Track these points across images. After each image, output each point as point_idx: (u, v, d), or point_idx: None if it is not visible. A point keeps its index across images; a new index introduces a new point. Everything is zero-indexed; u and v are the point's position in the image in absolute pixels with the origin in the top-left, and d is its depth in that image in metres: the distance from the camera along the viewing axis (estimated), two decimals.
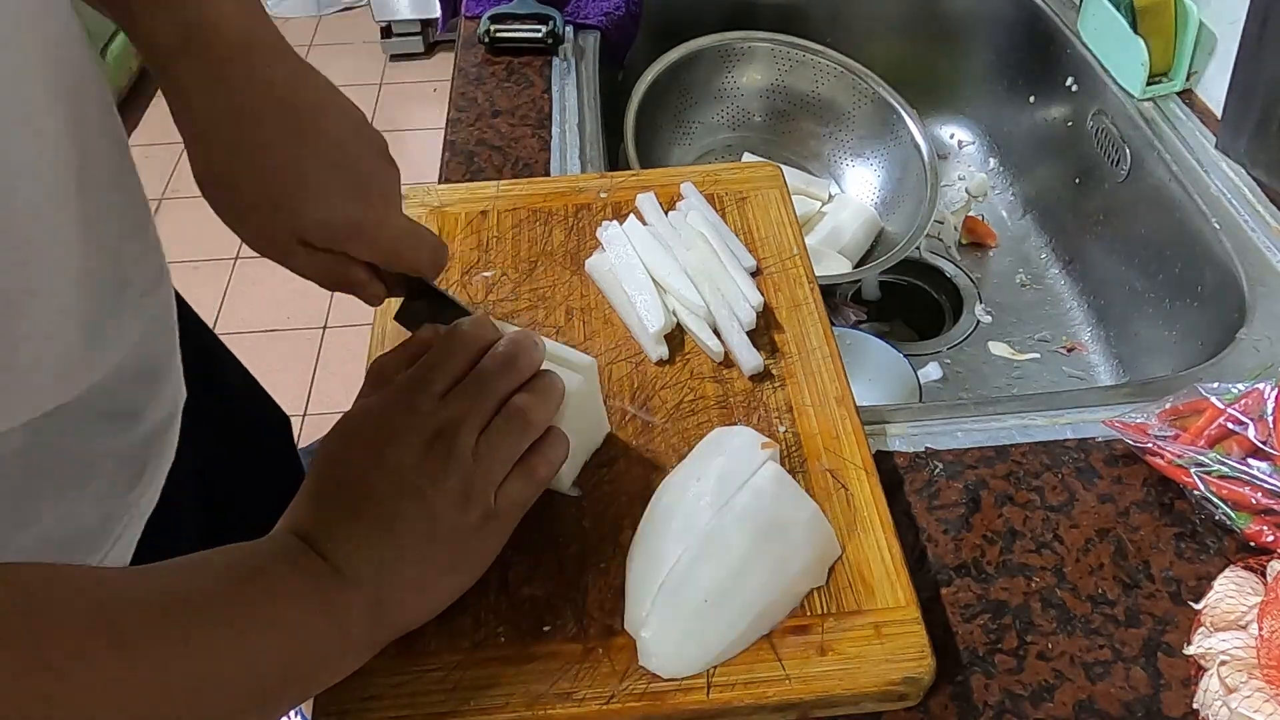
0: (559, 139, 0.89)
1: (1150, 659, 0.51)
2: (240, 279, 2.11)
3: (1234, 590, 0.51)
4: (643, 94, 1.02)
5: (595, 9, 1.05)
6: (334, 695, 0.46)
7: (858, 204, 1.10)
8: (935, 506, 0.59)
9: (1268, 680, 0.47)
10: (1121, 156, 0.96)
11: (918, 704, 0.49)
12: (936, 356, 1.00)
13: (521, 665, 0.47)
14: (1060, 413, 0.65)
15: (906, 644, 0.47)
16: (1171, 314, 0.88)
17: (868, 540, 0.52)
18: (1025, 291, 1.07)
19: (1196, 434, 0.58)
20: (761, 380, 0.60)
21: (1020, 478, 0.60)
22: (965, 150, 1.23)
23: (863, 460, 0.55)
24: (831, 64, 1.13)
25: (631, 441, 0.57)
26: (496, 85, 0.96)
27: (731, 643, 0.47)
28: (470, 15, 1.05)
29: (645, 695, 0.46)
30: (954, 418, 0.65)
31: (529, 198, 0.73)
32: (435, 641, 0.48)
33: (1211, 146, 0.88)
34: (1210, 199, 0.84)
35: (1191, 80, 0.95)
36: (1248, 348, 0.71)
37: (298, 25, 2.91)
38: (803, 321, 0.63)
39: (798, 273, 0.66)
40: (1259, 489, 0.55)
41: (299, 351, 1.96)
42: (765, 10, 1.19)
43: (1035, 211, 1.13)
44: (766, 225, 0.70)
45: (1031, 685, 0.50)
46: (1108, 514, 0.58)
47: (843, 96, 1.14)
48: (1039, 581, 0.55)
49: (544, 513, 0.53)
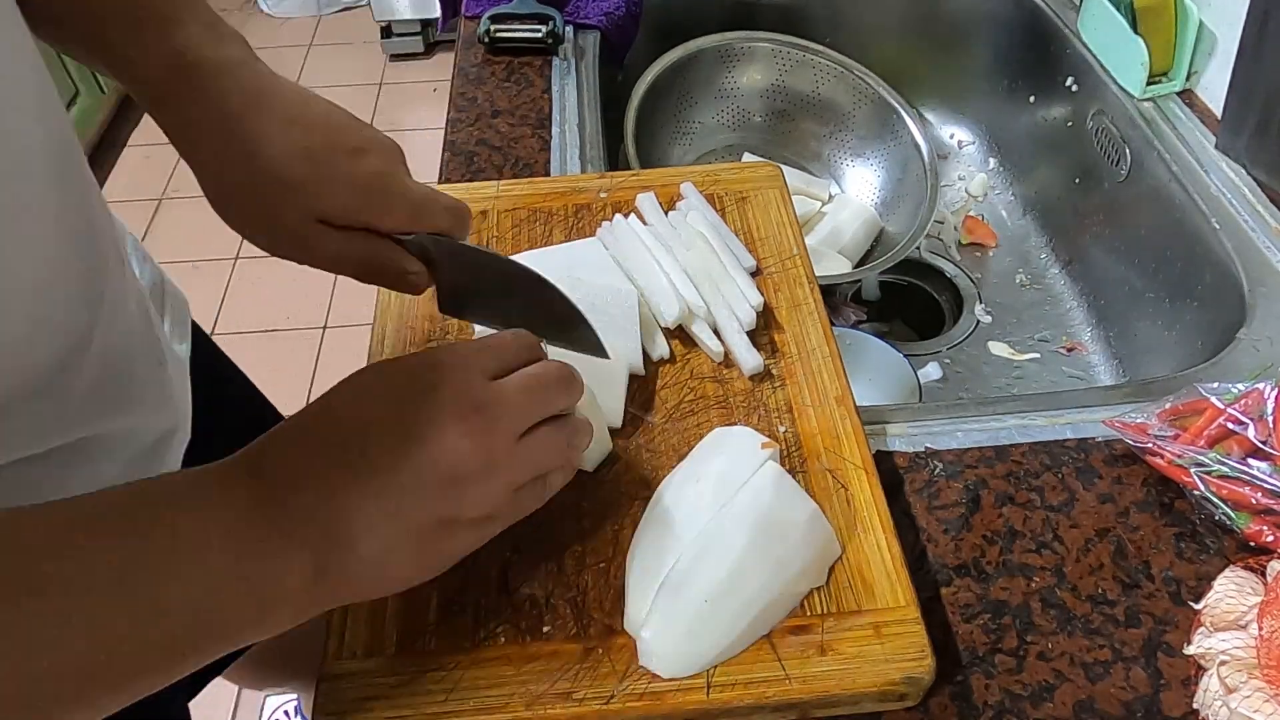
0: (559, 139, 0.89)
1: (1150, 659, 0.51)
2: (240, 279, 2.11)
3: (1234, 590, 0.51)
4: (643, 94, 1.03)
5: (595, 9, 1.05)
6: (334, 695, 0.46)
7: (858, 204, 1.10)
8: (935, 506, 0.59)
9: (1268, 680, 0.47)
10: (1121, 156, 0.96)
11: (918, 704, 0.49)
12: (936, 356, 1.00)
13: (521, 665, 0.47)
14: (1060, 413, 0.65)
15: (906, 644, 0.47)
16: (1171, 314, 0.88)
17: (868, 540, 0.52)
18: (1025, 291, 1.07)
19: (1196, 434, 0.58)
20: (761, 380, 0.60)
21: (1020, 478, 0.60)
22: (965, 150, 1.23)
23: (863, 460, 0.55)
24: (832, 64, 1.13)
25: (631, 441, 0.57)
26: (496, 85, 0.96)
27: (732, 643, 0.47)
28: (470, 15, 1.05)
29: (645, 695, 0.46)
30: (954, 418, 0.65)
31: (529, 198, 0.73)
32: (435, 641, 0.48)
33: (1211, 146, 0.88)
34: (1210, 199, 0.84)
35: (1191, 80, 0.95)
36: (1248, 348, 0.71)
37: (298, 25, 2.91)
38: (803, 321, 0.63)
39: (798, 273, 0.66)
40: (1259, 489, 0.55)
41: (299, 351, 1.96)
42: (765, 10, 1.19)
43: (1035, 211, 1.13)
44: (766, 225, 0.70)
45: (1031, 685, 0.50)
46: (1108, 514, 0.58)
47: (843, 97, 1.14)
48: (1039, 581, 0.55)
49: (544, 512, 0.53)
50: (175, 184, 2.34)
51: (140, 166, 2.38)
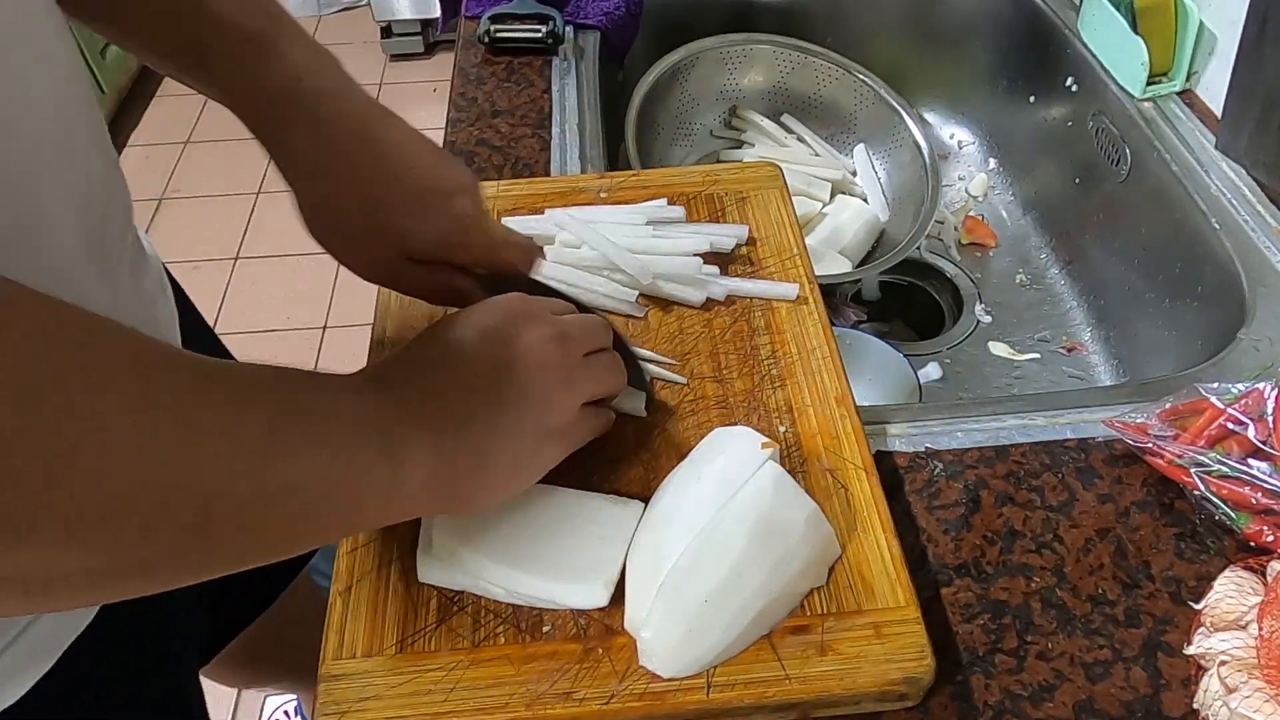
0: (559, 139, 0.89)
1: (1150, 659, 0.51)
2: (240, 279, 2.11)
3: (1234, 590, 0.51)
4: (644, 94, 1.03)
5: (595, 9, 1.05)
6: (334, 695, 0.46)
7: (859, 204, 1.10)
8: (935, 506, 0.59)
9: (1268, 680, 0.47)
10: (1121, 156, 0.96)
11: (918, 704, 0.49)
12: (936, 356, 1.00)
13: (521, 665, 0.47)
14: (1060, 413, 0.65)
15: (906, 644, 0.47)
16: (1171, 314, 0.88)
17: (868, 540, 0.52)
18: (1025, 291, 1.07)
19: (1196, 434, 0.58)
20: (761, 380, 0.60)
21: (1020, 478, 0.60)
22: (965, 150, 1.23)
23: (863, 460, 0.55)
24: (832, 66, 1.13)
25: (632, 441, 0.57)
26: (496, 85, 0.96)
27: (732, 643, 0.47)
28: (470, 15, 1.05)
29: (645, 695, 0.46)
30: (954, 418, 0.65)
31: (529, 198, 0.73)
32: (435, 641, 0.48)
33: (1211, 146, 0.88)
34: (1210, 199, 0.84)
35: (1191, 80, 0.95)
36: (1248, 348, 0.71)
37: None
38: (803, 321, 0.63)
39: (798, 273, 0.66)
40: (1259, 489, 0.55)
41: (299, 351, 1.96)
42: (766, 12, 1.19)
43: (1035, 211, 1.13)
44: (766, 225, 0.70)
45: (1031, 685, 0.50)
46: (1108, 514, 0.58)
47: (844, 98, 1.14)
48: (1039, 581, 0.55)
49: None
50: (175, 184, 2.34)
51: (140, 166, 2.38)
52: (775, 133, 1.15)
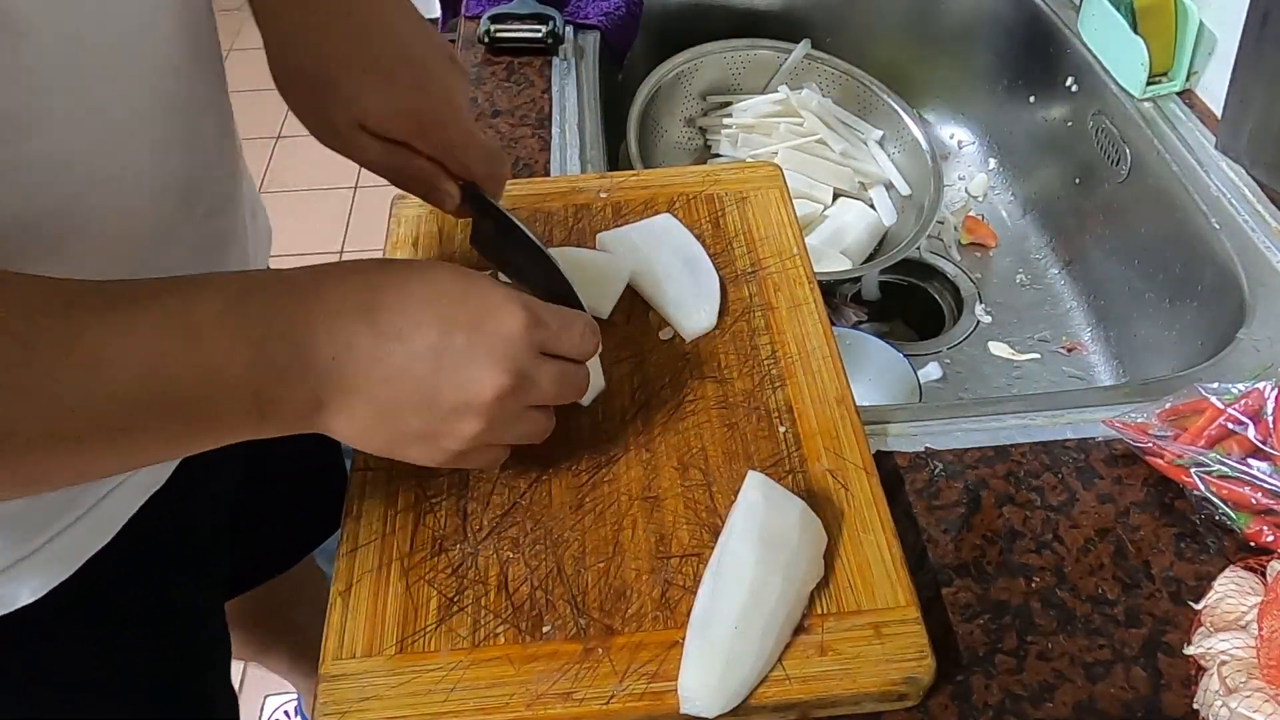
0: (559, 139, 0.89)
1: (1150, 659, 0.51)
2: None
3: (1234, 590, 0.51)
4: (645, 96, 1.03)
5: (595, 9, 1.05)
6: (334, 695, 0.46)
7: (862, 207, 1.10)
8: (935, 506, 0.59)
9: (1268, 680, 0.47)
10: (1121, 156, 0.96)
11: (918, 704, 0.49)
12: (936, 356, 1.00)
13: (521, 665, 0.47)
14: (1060, 413, 0.65)
15: (906, 644, 0.47)
16: (1171, 314, 0.88)
17: (868, 540, 0.52)
18: (1025, 291, 1.07)
19: (1196, 434, 0.58)
20: (761, 380, 0.60)
21: (1020, 478, 0.60)
22: (965, 150, 1.23)
23: (863, 460, 0.55)
24: (833, 69, 1.14)
25: (631, 441, 0.57)
26: (496, 85, 0.96)
27: (765, 661, 0.46)
28: (470, 15, 1.05)
29: (645, 695, 0.46)
30: (954, 418, 0.65)
31: (529, 198, 0.73)
32: (435, 641, 0.48)
33: (1211, 146, 0.88)
34: (1210, 199, 0.84)
35: (1191, 80, 0.95)
36: (1248, 348, 0.71)
37: None
38: (803, 321, 0.63)
39: (798, 273, 0.66)
40: (1259, 489, 0.55)
41: None
42: (766, 15, 1.20)
43: (1035, 211, 1.13)
44: (766, 225, 0.70)
45: (1031, 685, 0.50)
46: (1108, 514, 0.58)
47: (845, 100, 1.15)
48: (1039, 581, 0.55)
49: (544, 512, 0.53)
50: None
51: None
52: (815, 121, 1.13)
